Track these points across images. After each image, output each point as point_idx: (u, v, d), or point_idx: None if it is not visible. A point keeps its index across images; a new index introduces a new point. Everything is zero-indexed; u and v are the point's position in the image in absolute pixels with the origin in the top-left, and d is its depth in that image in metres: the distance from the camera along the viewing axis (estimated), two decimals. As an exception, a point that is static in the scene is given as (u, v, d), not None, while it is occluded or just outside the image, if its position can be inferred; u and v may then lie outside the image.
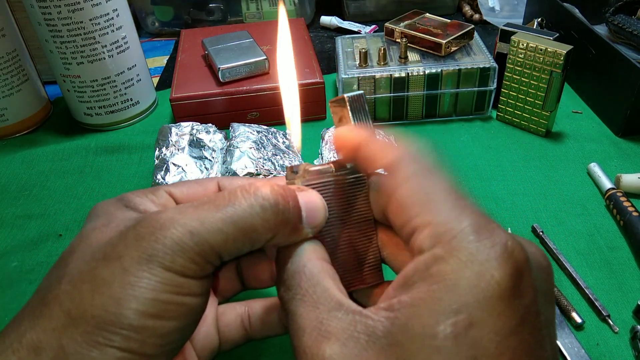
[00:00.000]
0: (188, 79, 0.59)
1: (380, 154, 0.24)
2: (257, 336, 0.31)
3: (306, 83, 0.57)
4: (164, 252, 0.21)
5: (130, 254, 0.21)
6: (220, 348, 0.31)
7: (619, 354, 0.35)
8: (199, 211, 0.22)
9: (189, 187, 0.28)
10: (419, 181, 0.22)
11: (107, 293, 0.20)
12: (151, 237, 0.21)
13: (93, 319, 0.20)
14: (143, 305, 0.20)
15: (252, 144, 0.48)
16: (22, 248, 0.46)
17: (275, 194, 0.23)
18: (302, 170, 0.26)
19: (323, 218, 0.25)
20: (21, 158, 0.57)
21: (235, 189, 0.23)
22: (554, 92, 0.53)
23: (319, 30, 0.83)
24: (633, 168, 0.51)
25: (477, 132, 0.58)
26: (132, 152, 0.57)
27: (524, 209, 0.47)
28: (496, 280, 0.18)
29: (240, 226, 0.22)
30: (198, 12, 0.80)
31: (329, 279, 0.23)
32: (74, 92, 0.58)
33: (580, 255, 0.43)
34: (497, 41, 0.57)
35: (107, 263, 0.21)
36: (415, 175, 0.22)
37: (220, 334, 0.31)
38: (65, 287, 0.21)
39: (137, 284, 0.21)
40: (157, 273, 0.21)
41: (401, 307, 0.19)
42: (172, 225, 0.21)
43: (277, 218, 0.23)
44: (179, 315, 0.22)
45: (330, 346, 0.20)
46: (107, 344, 0.20)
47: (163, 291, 0.21)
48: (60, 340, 0.20)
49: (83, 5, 0.52)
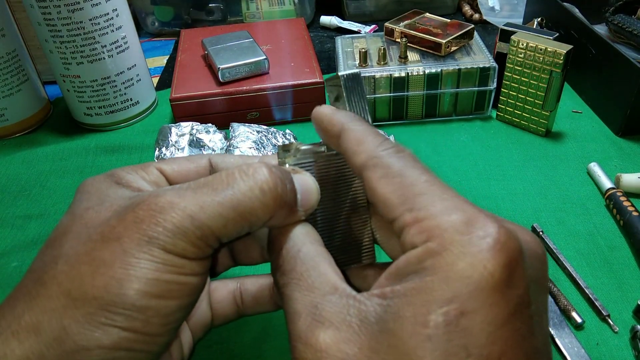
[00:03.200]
0: (188, 79, 0.59)
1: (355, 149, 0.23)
2: (248, 312, 0.31)
3: (306, 83, 0.57)
4: (164, 235, 0.21)
5: (129, 236, 0.21)
6: (213, 324, 0.31)
7: (619, 354, 0.35)
8: (197, 195, 0.22)
9: (179, 163, 0.28)
10: (401, 176, 0.22)
11: (108, 274, 0.20)
12: (151, 220, 0.21)
13: (95, 299, 0.20)
14: (145, 285, 0.20)
15: (252, 144, 0.48)
16: (22, 248, 0.46)
17: (274, 176, 0.23)
18: (294, 149, 0.25)
19: (316, 200, 0.25)
20: (21, 158, 0.57)
21: (233, 171, 0.23)
22: (553, 91, 0.53)
23: (318, 30, 0.83)
24: (633, 168, 0.51)
25: (477, 132, 0.58)
26: (132, 152, 0.57)
27: (524, 209, 0.47)
28: (489, 271, 0.19)
29: (239, 210, 0.22)
30: (198, 12, 0.80)
31: (324, 262, 0.23)
32: (73, 92, 0.58)
33: (580, 255, 0.43)
34: (497, 41, 0.57)
35: (106, 244, 0.21)
36: (396, 170, 0.22)
37: (213, 310, 0.31)
38: (63, 267, 0.21)
39: (138, 264, 0.20)
40: (157, 254, 0.21)
41: (394, 295, 0.20)
42: (172, 209, 0.21)
43: (276, 201, 0.22)
44: (182, 294, 0.22)
45: (324, 331, 0.20)
46: (110, 324, 0.20)
47: (165, 271, 0.21)
48: (61, 321, 0.20)
49: (83, 5, 0.52)
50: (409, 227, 0.20)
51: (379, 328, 0.19)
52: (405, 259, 0.20)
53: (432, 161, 0.54)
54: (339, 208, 0.26)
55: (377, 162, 0.22)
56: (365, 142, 0.23)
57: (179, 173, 0.27)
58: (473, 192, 0.49)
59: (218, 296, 0.31)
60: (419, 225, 0.20)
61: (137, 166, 0.26)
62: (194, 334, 0.30)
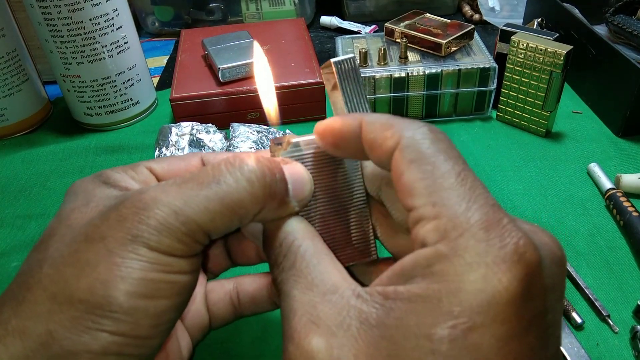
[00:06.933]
0: (188, 79, 0.59)
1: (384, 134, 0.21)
2: (246, 313, 0.31)
3: (306, 83, 0.57)
4: (148, 233, 0.20)
5: (113, 235, 0.20)
6: (211, 325, 0.31)
7: (619, 354, 0.35)
8: (182, 189, 0.21)
9: (170, 162, 0.27)
10: (434, 164, 0.20)
11: (93, 275, 0.20)
12: (134, 218, 0.20)
13: (80, 303, 0.19)
14: (132, 285, 0.20)
15: (252, 144, 0.48)
16: (22, 248, 0.46)
17: (262, 165, 0.22)
18: (286, 142, 0.24)
19: (309, 191, 0.24)
20: (21, 158, 0.57)
21: (219, 163, 0.22)
22: (553, 92, 0.53)
23: (319, 30, 0.83)
24: (633, 168, 0.51)
25: (477, 132, 0.58)
26: (132, 152, 0.57)
27: (524, 209, 0.47)
28: (504, 285, 0.17)
29: (227, 203, 0.21)
30: (198, 12, 0.80)
31: (326, 259, 0.22)
32: (74, 92, 0.58)
33: (580, 255, 0.43)
34: (497, 41, 0.57)
35: (90, 245, 0.20)
36: (429, 155, 0.20)
37: (210, 311, 0.30)
38: (47, 270, 0.20)
39: (123, 264, 0.20)
40: (143, 253, 0.20)
41: (397, 297, 0.18)
42: (155, 206, 0.20)
43: (265, 191, 0.22)
44: (171, 294, 0.21)
45: (318, 334, 0.19)
46: (98, 328, 0.19)
47: (151, 270, 0.20)
48: (47, 326, 0.19)
49: (83, 5, 0.52)
50: (426, 221, 0.19)
51: (380, 333, 0.18)
52: (413, 259, 0.19)
53: (432, 161, 0.53)
54: (337, 203, 0.25)
55: (409, 142, 0.20)
56: (395, 124, 0.21)
57: (170, 172, 0.26)
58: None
59: (215, 297, 0.30)
60: (437, 221, 0.19)
61: (127, 166, 0.26)
62: (192, 337, 0.30)
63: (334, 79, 0.24)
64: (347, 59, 0.24)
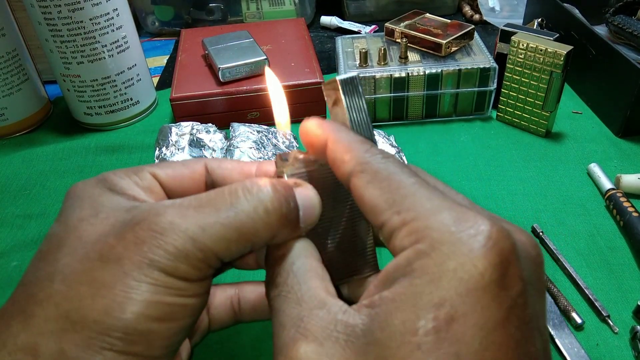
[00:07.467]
0: (188, 79, 0.59)
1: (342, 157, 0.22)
2: (245, 319, 0.31)
3: (306, 83, 0.57)
4: (166, 258, 0.20)
5: (130, 258, 0.20)
6: (210, 328, 0.31)
7: (619, 354, 0.35)
8: (199, 215, 0.21)
9: (174, 168, 0.27)
10: (389, 179, 0.21)
11: (109, 297, 0.20)
12: (152, 242, 0.20)
13: (95, 323, 0.20)
14: (146, 308, 0.20)
15: (252, 144, 0.48)
16: (22, 248, 0.46)
17: (279, 195, 0.22)
18: (292, 158, 0.25)
19: (317, 215, 0.24)
20: (21, 158, 0.57)
21: (237, 189, 0.22)
22: (554, 92, 0.53)
23: (319, 30, 0.83)
24: (633, 168, 0.51)
25: (477, 133, 0.58)
26: (132, 152, 0.57)
27: (524, 209, 0.47)
28: (479, 271, 0.18)
29: (242, 231, 0.21)
30: (198, 12, 0.80)
31: (315, 277, 0.22)
32: (74, 91, 0.58)
33: (580, 255, 0.43)
34: (497, 41, 0.57)
35: (106, 265, 0.20)
36: (384, 174, 0.21)
37: (210, 315, 0.30)
38: (59, 286, 0.20)
39: (138, 287, 0.20)
40: (158, 277, 0.20)
41: (382, 302, 0.19)
42: (173, 231, 0.21)
43: (280, 222, 0.22)
44: (183, 316, 0.21)
45: (306, 345, 0.19)
46: (111, 349, 0.20)
47: (165, 294, 0.20)
48: (60, 345, 0.19)
49: (83, 4, 0.52)
50: (397, 230, 0.20)
51: (366, 340, 0.18)
52: (395, 263, 0.19)
53: (432, 161, 0.54)
54: (339, 218, 0.25)
55: (364, 167, 0.21)
56: (352, 150, 0.22)
57: (173, 178, 0.26)
58: (473, 193, 0.49)
59: (215, 301, 0.31)
60: (407, 227, 0.19)
61: (130, 170, 0.25)
62: (191, 339, 0.30)
63: (335, 95, 0.25)
64: (352, 77, 0.25)
